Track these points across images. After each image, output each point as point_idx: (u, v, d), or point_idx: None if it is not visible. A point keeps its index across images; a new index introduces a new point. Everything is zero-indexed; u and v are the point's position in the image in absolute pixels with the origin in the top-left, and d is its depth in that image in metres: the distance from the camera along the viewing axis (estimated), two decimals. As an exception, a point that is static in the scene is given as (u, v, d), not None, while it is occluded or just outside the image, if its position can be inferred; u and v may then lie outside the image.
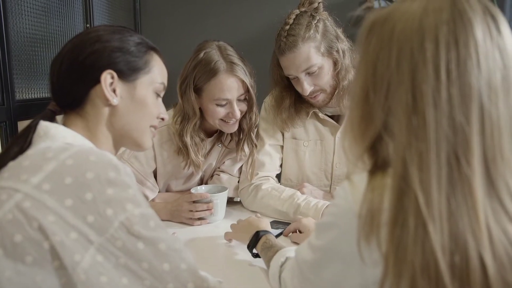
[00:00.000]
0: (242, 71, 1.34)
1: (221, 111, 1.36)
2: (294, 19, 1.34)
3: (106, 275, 0.64)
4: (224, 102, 1.35)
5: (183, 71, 1.38)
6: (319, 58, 1.34)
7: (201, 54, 1.34)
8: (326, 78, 1.38)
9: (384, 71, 0.57)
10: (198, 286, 0.71)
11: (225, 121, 1.38)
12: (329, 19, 1.40)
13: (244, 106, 1.40)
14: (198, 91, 1.36)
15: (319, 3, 1.39)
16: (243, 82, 1.35)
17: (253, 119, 1.45)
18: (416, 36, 0.55)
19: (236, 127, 1.42)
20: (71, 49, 0.82)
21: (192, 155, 1.39)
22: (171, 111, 1.43)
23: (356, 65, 0.64)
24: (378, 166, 0.59)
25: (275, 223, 1.32)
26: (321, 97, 1.42)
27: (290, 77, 1.40)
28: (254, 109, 1.44)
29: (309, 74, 1.36)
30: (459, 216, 0.52)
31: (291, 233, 1.22)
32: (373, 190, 0.56)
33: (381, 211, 0.54)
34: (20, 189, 0.65)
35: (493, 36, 0.55)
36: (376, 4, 2.35)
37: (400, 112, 0.55)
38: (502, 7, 2.23)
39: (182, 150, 1.40)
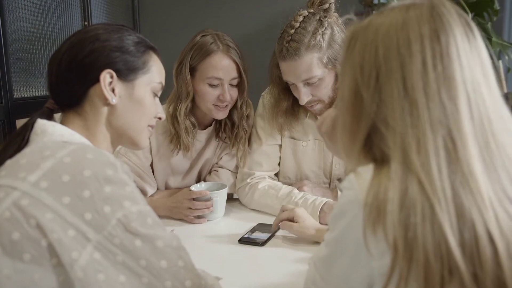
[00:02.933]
0: (236, 54, 1.37)
1: (212, 93, 1.37)
2: (300, 22, 1.27)
3: (104, 272, 0.64)
4: (216, 82, 1.36)
5: (181, 54, 1.40)
6: (320, 69, 1.28)
7: (198, 37, 1.38)
8: (326, 90, 1.33)
9: (372, 66, 0.61)
10: (196, 284, 0.71)
11: (216, 105, 1.38)
12: (339, 22, 1.33)
13: (235, 92, 1.40)
14: (192, 71, 1.38)
15: (330, 3, 1.31)
16: (236, 64, 1.37)
17: (244, 108, 1.46)
18: (401, 35, 0.59)
19: (226, 113, 1.42)
20: (70, 47, 0.82)
21: (183, 136, 1.40)
22: (165, 106, 1.44)
23: (341, 72, 0.68)
24: (379, 159, 0.61)
25: (261, 226, 1.29)
26: (318, 107, 1.38)
27: (288, 82, 1.36)
28: (245, 96, 1.44)
29: (308, 84, 1.30)
30: (464, 195, 0.54)
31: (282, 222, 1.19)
32: (378, 179, 0.57)
33: (387, 200, 0.55)
34: (17, 187, 0.65)
35: (470, 38, 0.60)
36: (375, 0, 2.34)
37: (392, 102, 0.59)
38: (502, 7, 2.22)
39: (173, 136, 1.41)
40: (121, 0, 2.49)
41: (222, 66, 1.35)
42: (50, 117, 0.82)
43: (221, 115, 1.41)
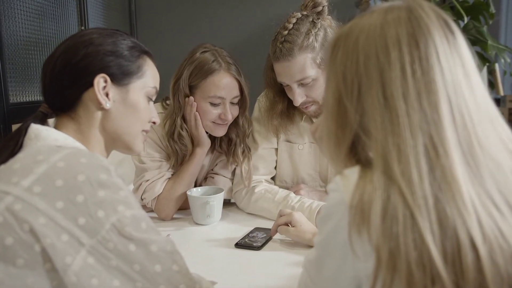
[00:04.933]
0: (237, 71, 1.36)
1: (214, 112, 1.36)
2: (294, 23, 1.28)
3: (97, 277, 0.64)
4: (218, 101, 1.35)
5: (178, 71, 1.38)
6: (314, 70, 1.29)
7: (198, 54, 1.36)
8: (320, 91, 1.32)
9: (354, 77, 0.61)
10: None
11: (215, 123, 1.38)
12: (333, 25, 1.34)
13: (236, 110, 1.40)
14: (192, 89, 1.36)
15: (323, 6, 1.32)
16: (238, 82, 1.35)
17: (246, 127, 1.45)
18: (379, 42, 0.60)
19: (225, 131, 1.41)
20: (64, 51, 0.82)
21: (173, 161, 1.42)
22: (158, 105, 1.43)
23: (325, 79, 0.69)
24: (364, 162, 0.61)
25: (258, 230, 1.28)
26: (312, 108, 1.38)
27: (283, 84, 1.36)
28: (247, 114, 1.44)
29: (302, 85, 1.31)
30: (445, 201, 0.54)
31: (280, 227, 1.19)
32: (364, 182, 0.58)
33: (371, 203, 0.55)
34: (10, 191, 0.64)
35: (449, 39, 0.60)
36: (372, 3, 2.35)
37: (373, 111, 0.59)
38: (498, 10, 2.23)
39: (170, 154, 1.42)
40: (118, 5, 2.50)
41: (224, 85, 1.33)
42: (44, 122, 0.81)
43: (221, 132, 1.40)
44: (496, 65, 2.28)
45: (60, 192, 0.64)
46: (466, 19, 2.14)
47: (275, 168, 1.54)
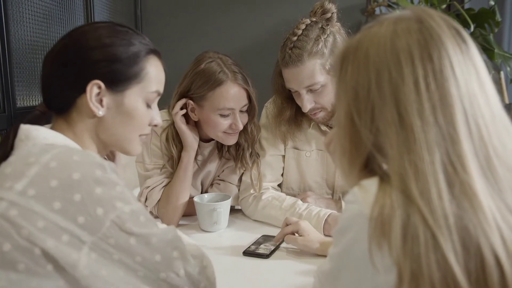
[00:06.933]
0: (244, 80, 1.34)
1: (224, 123, 1.34)
2: (303, 30, 1.28)
3: (105, 269, 0.65)
4: (227, 112, 1.33)
5: (182, 81, 1.36)
6: (323, 76, 1.29)
7: (203, 65, 1.33)
8: (328, 97, 1.33)
9: (366, 95, 0.59)
10: (188, 271, 0.74)
11: (226, 133, 1.37)
12: (341, 31, 1.34)
13: (245, 117, 1.39)
14: (199, 101, 1.34)
15: (332, 13, 1.32)
16: (246, 91, 1.34)
17: (255, 133, 1.44)
18: (391, 57, 0.58)
19: (236, 139, 1.40)
20: (63, 48, 0.79)
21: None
22: (164, 113, 1.42)
23: (336, 94, 0.66)
24: (381, 176, 0.60)
25: (266, 238, 1.27)
26: (321, 115, 1.38)
27: (291, 90, 1.36)
28: (255, 120, 1.43)
29: (311, 91, 1.31)
30: (467, 219, 0.52)
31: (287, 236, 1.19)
32: (383, 194, 0.56)
33: (392, 220, 0.54)
34: (4, 197, 0.64)
35: (462, 49, 0.58)
36: (377, 11, 2.35)
37: (388, 130, 0.57)
38: (502, 18, 2.23)
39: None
40: (125, 9, 2.50)
41: (232, 96, 1.32)
42: (38, 121, 0.79)
43: (232, 140, 1.39)
44: (502, 73, 2.28)
45: (56, 193, 0.63)
46: (472, 27, 2.14)
47: (282, 175, 1.54)
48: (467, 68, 0.58)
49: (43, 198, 0.63)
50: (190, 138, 1.37)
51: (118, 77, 0.79)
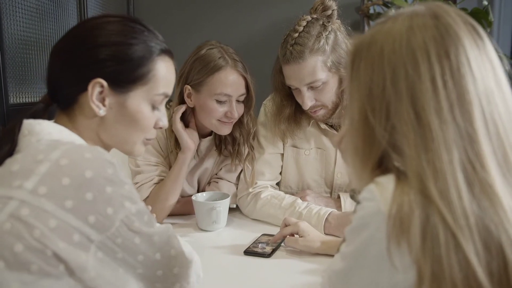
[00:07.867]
0: (244, 69, 1.34)
1: (220, 110, 1.33)
2: (304, 26, 1.28)
3: (108, 268, 0.66)
4: (224, 98, 1.32)
5: (182, 67, 1.36)
6: (324, 73, 1.28)
7: (203, 51, 1.34)
8: (329, 95, 1.33)
9: (381, 93, 0.58)
10: (182, 269, 0.79)
11: (221, 121, 1.36)
12: (342, 29, 1.34)
13: (241, 108, 1.38)
14: (197, 86, 1.34)
15: (333, 10, 1.32)
16: (245, 79, 1.34)
17: (251, 125, 1.43)
18: (407, 54, 0.57)
19: (230, 129, 1.39)
20: (72, 40, 0.78)
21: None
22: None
23: (348, 91, 0.65)
24: (396, 173, 0.59)
25: (266, 236, 1.26)
26: (321, 113, 1.37)
27: (291, 87, 1.36)
28: (252, 112, 1.43)
29: (312, 88, 1.30)
30: (488, 218, 0.52)
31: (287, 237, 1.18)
32: (401, 192, 0.55)
33: (411, 217, 0.53)
34: (14, 196, 0.62)
35: (479, 45, 0.58)
36: (371, 10, 2.36)
37: (404, 128, 0.56)
38: (492, 9, 2.25)
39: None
40: (118, 5, 2.47)
41: (231, 82, 1.31)
42: (42, 115, 0.76)
43: (226, 130, 1.38)
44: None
45: (68, 191, 0.62)
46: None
47: (280, 173, 1.53)
48: (484, 65, 0.57)
49: (54, 196, 0.62)
50: (186, 139, 1.36)
51: (123, 78, 0.77)
